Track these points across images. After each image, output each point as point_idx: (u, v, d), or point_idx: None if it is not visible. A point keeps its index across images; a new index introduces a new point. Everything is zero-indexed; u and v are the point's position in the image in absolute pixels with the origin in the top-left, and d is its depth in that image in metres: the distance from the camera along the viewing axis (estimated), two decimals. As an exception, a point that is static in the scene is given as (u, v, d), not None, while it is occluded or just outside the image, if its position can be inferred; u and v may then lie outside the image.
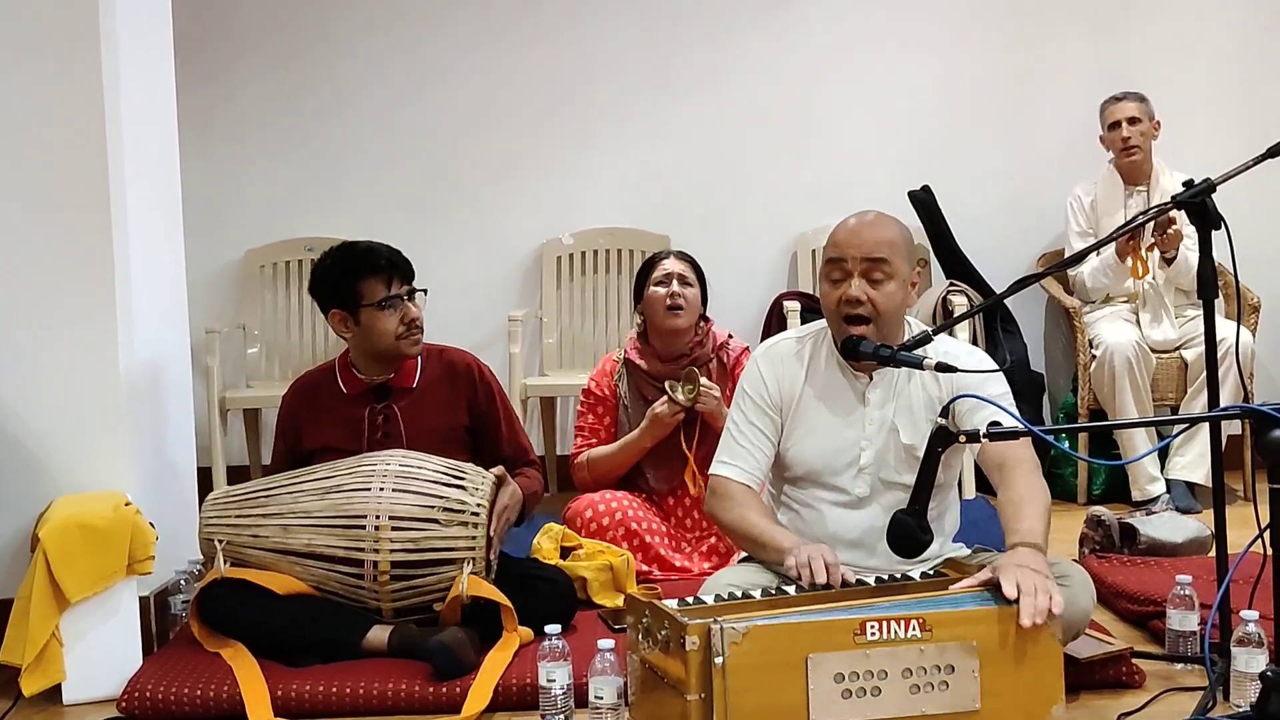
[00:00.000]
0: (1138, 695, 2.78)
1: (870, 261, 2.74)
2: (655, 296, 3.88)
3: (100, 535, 3.00)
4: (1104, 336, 4.74)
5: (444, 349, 3.50)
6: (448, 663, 2.88)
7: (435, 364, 3.44)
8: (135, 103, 3.38)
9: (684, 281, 3.88)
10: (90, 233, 3.21)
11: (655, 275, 3.91)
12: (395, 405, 3.37)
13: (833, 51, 5.46)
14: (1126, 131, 4.87)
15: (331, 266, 3.35)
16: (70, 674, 2.99)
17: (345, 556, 3.07)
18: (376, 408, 3.37)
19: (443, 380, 3.42)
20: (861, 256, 2.74)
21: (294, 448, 3.42)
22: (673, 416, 3.76)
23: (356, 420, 3.36)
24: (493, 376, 3.52)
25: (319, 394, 3.42)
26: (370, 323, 3.30)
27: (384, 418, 3.36)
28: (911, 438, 2.79)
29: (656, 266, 3.93)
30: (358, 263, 3.31)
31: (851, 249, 2.76)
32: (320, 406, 3.41)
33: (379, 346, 3.33)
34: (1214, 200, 2.73)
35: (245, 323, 5.35)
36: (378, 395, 3.38)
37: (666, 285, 3.87)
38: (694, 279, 3.92)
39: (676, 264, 3.92)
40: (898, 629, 2.31)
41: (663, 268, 3.91)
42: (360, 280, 3.29)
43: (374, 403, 3.37)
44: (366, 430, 3.35)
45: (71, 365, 3.22)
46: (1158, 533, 3.75)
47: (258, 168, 5.43)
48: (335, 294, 3.33)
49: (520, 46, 5.43)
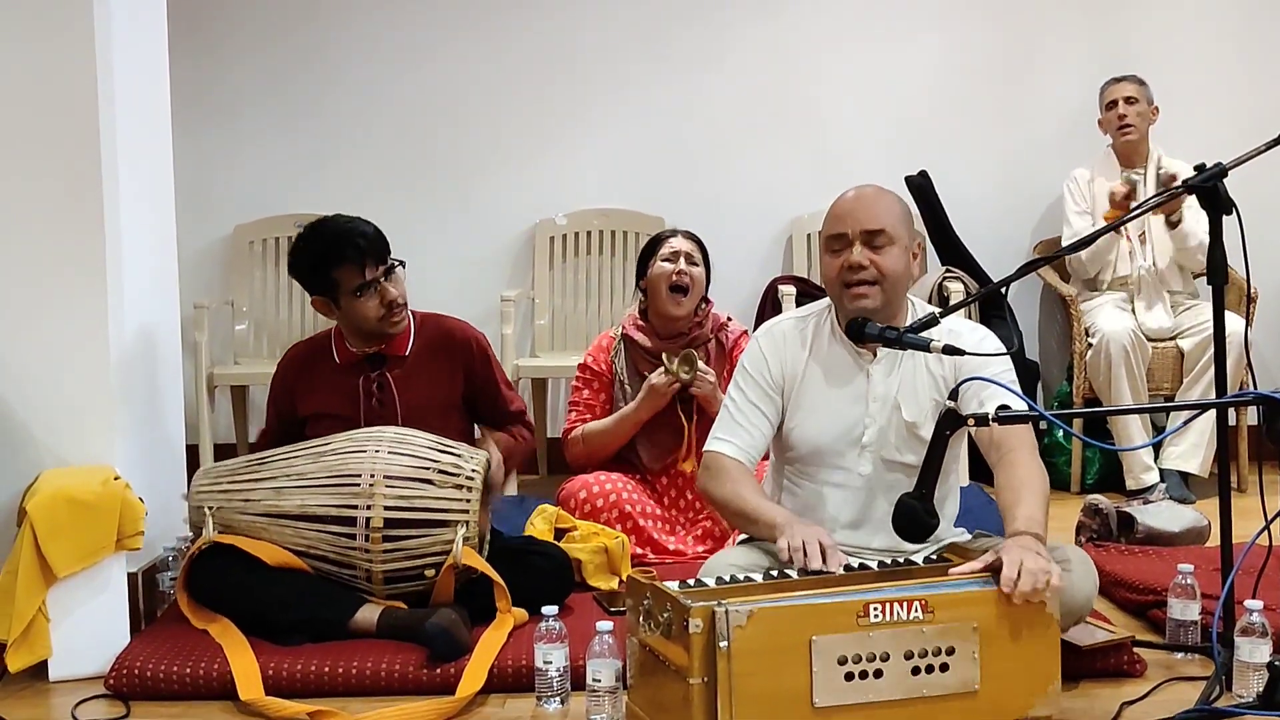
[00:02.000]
0: (1139, 684, 2.76)
1: (870, 232, 2.74)
2: (661, 272, 3.83)
3: (89, 509, 2.96)
4: (1100, 324, 4.72)
5: (440, 318, 3.48)
6: (443, 644, 2.84)
7: (430, 331, 3.43)
8: (128, 77, 3.34)
9: (691, 260, 3.85)
10: (81, 206, 3.17)
11: (663, 251, 3.86)
12: (389, 374, 3.36)
13: (830, 34, 5.41)
14: (1123, 109, 4.87)
15: (304, 254, 3.32)
16: (57, 650, 2.95)
17: (338, 515, 3.05)
18: (370, 376, 3.36)
19: (438, 348, 3.41)
20: (861, 228, 2.74)
21: (287, 415, 3.42)
22: (668, 388, 3.72)
23: (350, 389, 3.36)
24: (487, 343, 3.51)
25: (313, 363, 3.42)
26: (350, 308, 3.29)
27: (378, 385, 3.36)
28: (914, 415, 2.77)
29: (664, 243, 3.89)
30: (329, 250, 3.27)
31: (851, 220, 2.76)
32: (314, 375, 3.40)
33: (364, 328, 3.32)
34: (1225, 185, 2.70)
35: (234, 299, 5.31)
36: (371, 364, 3.38)
37: (674, 262, 3.84)
38: (700, 259, 3.89)
39: (684, 243, 3.89)
40: (900, 611, 2.30)
41: (670, 245, 3.88)
42: (333, 269, 3.26)
43: (368, 371, 3.37)
44: (362, 398, 3.35)
45: (61, 338, 3.18)
46: (1155, 522, 3.74)
47: (248, 143, 5.38)
48: (312, 282, 3.32)
49: (515, 23, 5.38)
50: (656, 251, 3.89)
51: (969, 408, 2.58)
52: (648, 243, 4.00)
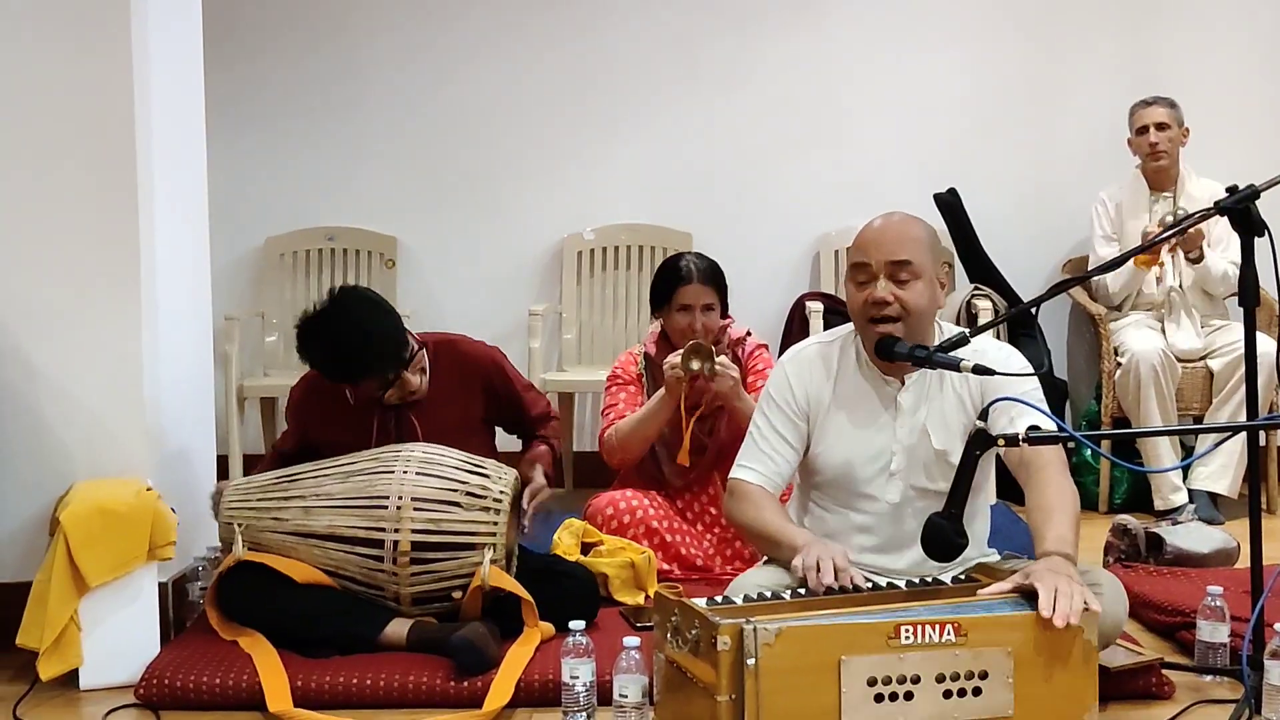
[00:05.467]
0: (1167, 706, 2.75)
1: (894, 264, 2.70)
2: (677, 324, 3.79)
3: (121, 520, 2.98)
4: (1129, 344, 4.71)
5: (453, 342, 3.47)
6: (471, 658, 2.84)
7: (445, 360, 3.41)
8: (163, 89, 3.37)
9: (708, 308, 3.79)
10: (116, 218, 3.20)
11: (678, 301, 3.79)
12: (408, 412, 3.36)
13: (859, 51, 5.42)
14: (1154, 137, 4.84)
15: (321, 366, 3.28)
16: (88, 659, 2.97)
17: (366, 538, 3.06)
18: (387, 413, 3.36)
19: (454, 373, 3.40)
20: (885, 259, 2.71)
21: (301, 437, 3.47)
22: (679, 384, 3.62)
23: (366, 425, 3.35)
24: (502, 355, 3.51)
25: (328, 397, 3.38)
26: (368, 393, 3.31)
27: (395, 421, 3.36)
28: (944, 442, 2.75)
29: (679, 291, 3.79)
30: (340, 376, 3.27)
31: (875, 251, 2.73)
32: (329, 409, 3.38)
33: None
34: (1257, 207, 2.69)
35: (264, 311, 5.34)
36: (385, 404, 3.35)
37: (689, 314, 3.78)
38: (716, 299, 3.80)
39: (701, 291, 3.77)
40: (932, 633, 2.28)
41: (686, 295, 3.78)
42: (350, 386, 3.30)
43: (382, 410, 3.36)
44: (376, 432, 3.33)
45: (94, 349, 3.20)
46: (1184, 543, 3.72)
47: (281, 155, 5.42)
48: None
49: (545, 39, 5.41)
50: (673, 295, 3.80)
51: (998, 427, 2.58)
52: (662, 272, 3.88)
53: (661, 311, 3.87)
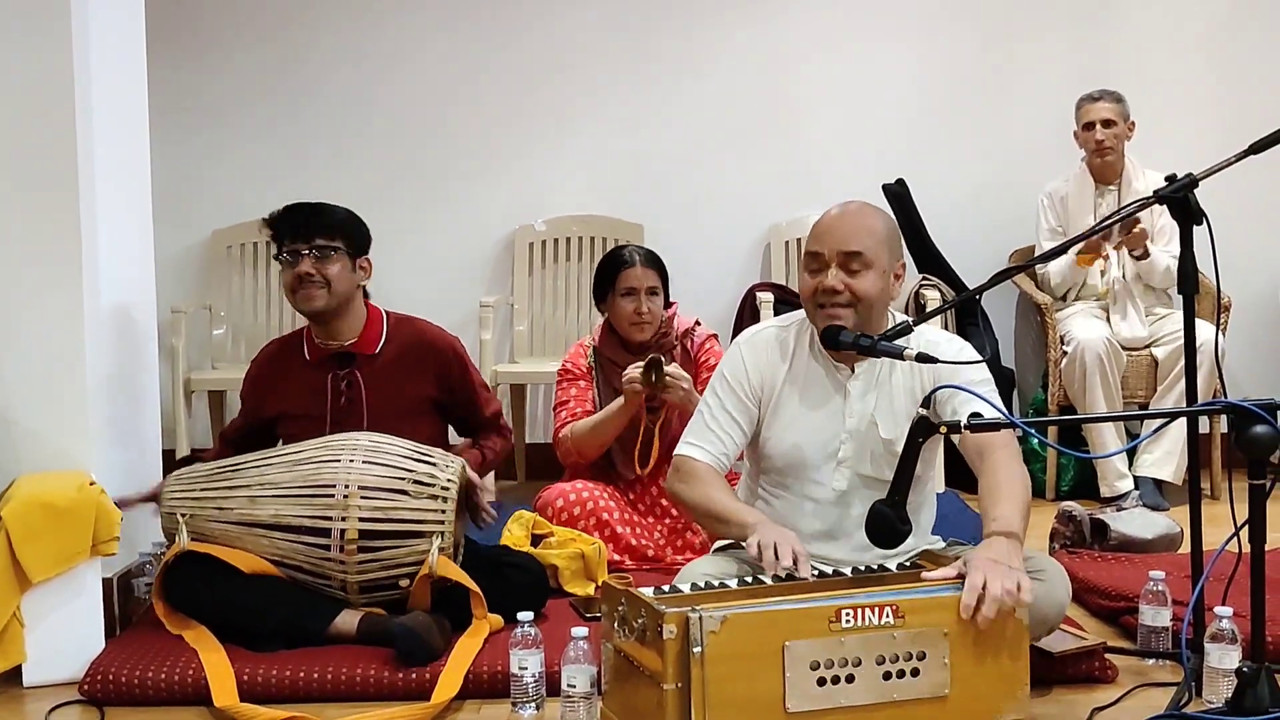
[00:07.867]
0: (1110, 690, 2.78)
1: (847, 254, 2.71)
2: (622, 310, 3.83)
3: (64, 515, 2.94)
4: (1075, 333, 4.76)
5: (415, 321, 3.49)
6: (413, 645, 2.84)
7: (403, 334, 3.43)
8: (106, 81, 3.33)
9: (651, 292, 3.83)
10: (58, 211, 3.15)
11: (621, 285, 3.83)
12: (358, 372, 3.36)
13: (810, 42, 5.44)
14: (1100, 134, 4.87)
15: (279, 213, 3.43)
16: (31, 655, 2.93)
17: (313, 526, 3.05)
18: (339, 373, 3.37)
19: (409, 351, 3.41)
20: (838, 249, 2.72)
21: (255, 414, 3.46)
22: (637, 396, 3.68)
23: (319, 386, 3.37)
24: (463, 348, 3.52)
25: (284, 359, 3.44)
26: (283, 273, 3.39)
27: (346, 384, 3.36)
28: (890, 432, 2.76)
29: (621, 275, 3.84)
30: (296, 217, 3.37)
31: (829, 240, 2.74)
32: (284, 372, 3.42)
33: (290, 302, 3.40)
34: (1195, 196, 2.72)
35: (211, 303, 5.29)
36: (340, 362, 3.38)
37: (633, 298, 3.82)
38: (659, 283, 3.86)
39: (643, 274, 3.84)
40: (872, 616, 2.31)
41: (628, 279, 3.83)
42: (275, 238, 3.38)
43: (336, 369, 3.37)
44: (330, 396, 3.35)
45: (37, 342, 3.16)
46: (1128, 529, 3.76)
47: (226, 148, 5.38)
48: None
49: (495, 31, 5.39)
50: (615, 280, 3.85)
51: (944, 416, 2.60)
52: (604, 264, 3.94)
53: (606, 302, 3.88)
